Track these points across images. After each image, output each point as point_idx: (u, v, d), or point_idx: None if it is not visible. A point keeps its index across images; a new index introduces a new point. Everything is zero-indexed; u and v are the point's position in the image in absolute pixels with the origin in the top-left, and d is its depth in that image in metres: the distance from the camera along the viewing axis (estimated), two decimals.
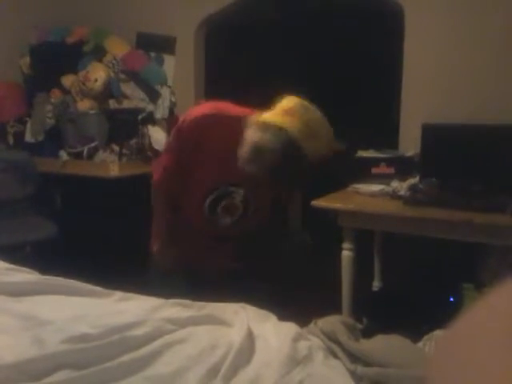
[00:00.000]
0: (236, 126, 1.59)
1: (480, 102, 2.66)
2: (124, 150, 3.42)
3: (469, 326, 0.32)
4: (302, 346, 1.21)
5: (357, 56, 4.19)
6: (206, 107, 1.72)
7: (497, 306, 0.32)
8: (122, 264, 2.78)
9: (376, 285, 3.05)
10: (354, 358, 1.13)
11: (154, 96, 3.60)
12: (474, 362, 0.29)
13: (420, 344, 1.16)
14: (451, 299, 2.48)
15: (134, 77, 3.59)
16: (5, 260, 1.79)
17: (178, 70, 3.56)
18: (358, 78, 4.22)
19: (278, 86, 1.94)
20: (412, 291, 2.65)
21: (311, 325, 1.32)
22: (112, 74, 3.57)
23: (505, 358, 0.28)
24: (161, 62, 3.61)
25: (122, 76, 3.60)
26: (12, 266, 1.75)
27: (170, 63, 3.60)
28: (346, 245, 2.37)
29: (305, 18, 4.13)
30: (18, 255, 2.71)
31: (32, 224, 3.06)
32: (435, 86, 2.79)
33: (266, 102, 1.68)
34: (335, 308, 2.28)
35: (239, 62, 3.76)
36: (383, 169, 2.65)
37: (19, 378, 1.09)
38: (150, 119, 3.51)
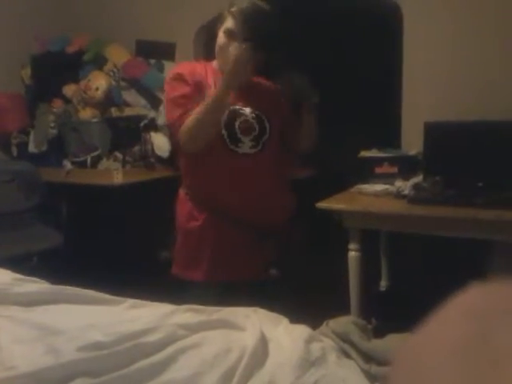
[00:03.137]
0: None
1: (481, 99, 2.67)
2: (127, 158, 3.43)
3: (422, 337, 0.32)
4: (315, 347, 1.21)
5: (358, 56, 4.20)
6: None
7: (449, 316, 0.32)
8: (129, 271, 2.80)
9: (383, 284, 3.05)
10: (367, 357, 1.14)
11: (155, 102, 3.61)
12: (423, 376, 0.29)
13: None
14: None
15: (135, 84, 3.61)
16: (12, 271, 1.80)
17: None
18: (358, 77, 4.23)
19: None
20: (420, 290, 2.65)
21: (323, 326, 1.33)
22: (113, 82, 3.58)
23: (450, 373, 0.28)
24: (161, 69, 3.63)
25: (123, 84, 3.61)
26: (21, 276, 1.76)
27: (170, 69, 3.62)
28: (352, 245, 2.37)
29: (304, 19, 4.15)
30: (25, 266, 2.72)
31: (38, 234, 3.07)
32: (436, 83, 2.81)
33: None
34: (343, 309, 2.28)
35: None
36: (386, 168, 2.65)
37: None
38: (152, 126, 3.52)
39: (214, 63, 1.91)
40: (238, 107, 1.82)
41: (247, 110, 1.83)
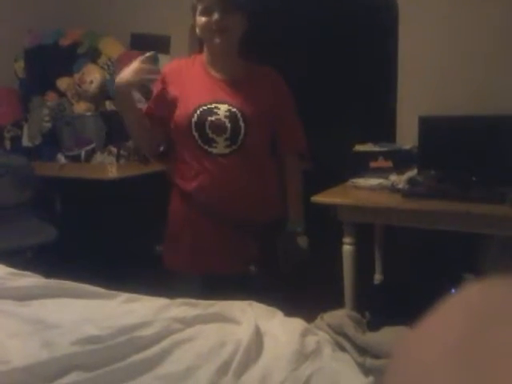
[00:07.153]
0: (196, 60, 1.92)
1: (476, 93, 2.67)
2: (122, 152, 3.42)
3: (420, 334, 0.32)
4: (310, 340, 1.22)
5: (353, 49, 4.20)
6: None
7: (448, 313, 0.31)
8: (124, 265, 2.80)
9: (377, 278, 3.07)
10: (362, 350, 1.14)
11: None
12: (421, 373, 0.29)
13: None
14: (453, 290, 2.50)
15: None
16: (6, 265, 1.80)
17: None
18: (353, 71, 4.23)
19: None
20: (413, 283, 2.66)
21: (317, 319, 1.34)
22: (107, 76, 3.56)
23: (448, 370, 0.28)
24: (156, 62, 3.60)
25: None
26: (15, 270, 1.76)
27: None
28: (346, 239, 2.38)
29: (302, 14, 4.14)
30: (18, 260, 2.71)
31: (32, 228, 3.05)
32: (431, 78, 2.81)
33: None
34: (337, 303, 2.29)
35: None
36: (381, 163, 2.66)
37: (31, 381, 1.10)
38: None
39: (204, 55, 1.90)
40: (212, 106, 1.78)
41: (222, 108, 1.78)
